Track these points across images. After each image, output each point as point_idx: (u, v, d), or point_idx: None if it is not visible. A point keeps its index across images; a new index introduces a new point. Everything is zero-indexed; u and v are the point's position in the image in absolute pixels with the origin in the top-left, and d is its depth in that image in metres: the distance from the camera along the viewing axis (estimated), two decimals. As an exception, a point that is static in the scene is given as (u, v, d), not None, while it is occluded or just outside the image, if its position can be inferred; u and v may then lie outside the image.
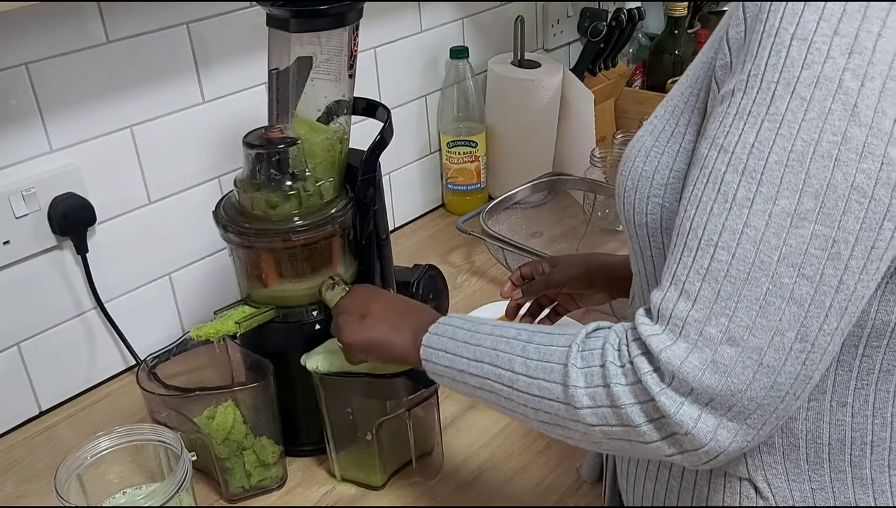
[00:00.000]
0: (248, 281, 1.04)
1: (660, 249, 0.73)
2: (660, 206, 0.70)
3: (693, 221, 0.62)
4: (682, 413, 0.61)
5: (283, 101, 1.02)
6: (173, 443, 0.93)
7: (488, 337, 0.73)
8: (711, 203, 0.60)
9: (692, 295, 0.61)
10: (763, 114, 0.59)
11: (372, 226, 1.04)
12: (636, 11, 1.73)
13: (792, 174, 0.58)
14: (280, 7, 0.94)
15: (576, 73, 1.68)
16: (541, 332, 0.71)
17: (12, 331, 1.13)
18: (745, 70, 0.60)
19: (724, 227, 0.60)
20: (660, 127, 0.72)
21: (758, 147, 0.59)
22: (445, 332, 0.78)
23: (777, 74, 0.58)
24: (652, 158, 0.71)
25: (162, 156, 1.21)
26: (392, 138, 1.04)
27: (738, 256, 0.59)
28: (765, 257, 0.58)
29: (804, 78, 0.57)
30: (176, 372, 1.04)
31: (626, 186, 0.74)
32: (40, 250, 1.12)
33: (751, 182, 0.59)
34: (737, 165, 0.59)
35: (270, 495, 1.02)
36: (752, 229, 0.59)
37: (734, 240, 0.59)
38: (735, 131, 0.60)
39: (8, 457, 1.11)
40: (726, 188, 0.60)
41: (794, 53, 0.57)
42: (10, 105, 1.05)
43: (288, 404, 1.02)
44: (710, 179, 0.61)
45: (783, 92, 0.58)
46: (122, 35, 1.12)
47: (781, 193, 0.58)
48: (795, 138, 0.57)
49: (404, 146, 1.57)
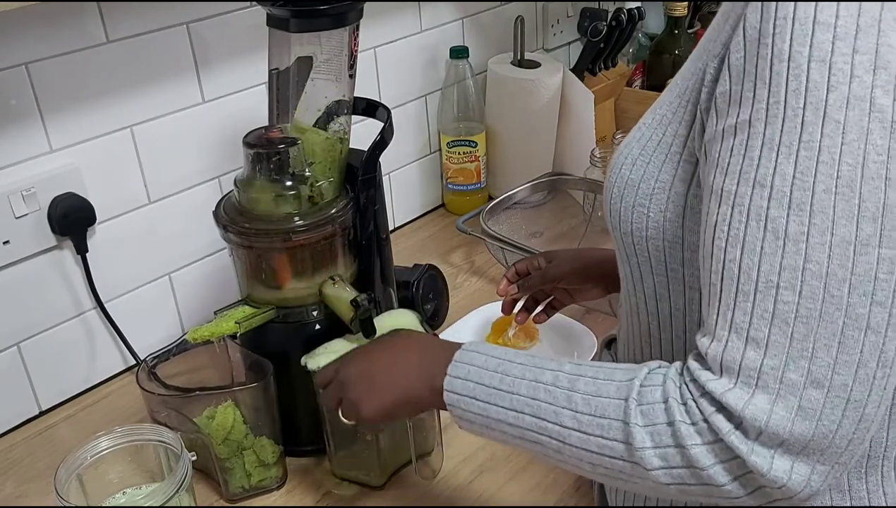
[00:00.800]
0: (248, 281, 1.03)
1: (645, 257, 0.72)
2: (645, 216, 0.70)
3: (741, 263, 0.59)
4: (775, 468, 0.58)
5: (284, 101, 1.02)
6: (173, 443, 0.93)
7: (522, 381, 0.69)
8: (760, 242, 0.58)
9: (761, 342, 0.58)
10: (797, 143, 0.56)
11: (372, 226, 1.04)
12: (636, 11, 1.73)
13: (844, 201, 0.56)
14: (280, 7, 0.94)
15: (576, 72, 1.68)
16: (582, 377, 0.67)
17: (12, 331, 1.13)
18: (761, 98, 0.58)
19: (783, 266, 0.57)
20: (647, 135, 0.71)
21: (800, 177, 0.56)
22: (468, 375, 0.71)
23: (801, 100, 0.56)
24: (638, 167, 0.70)
25: (162, 156, 1.21)
26: (392, 138, 1.04)
27: (804, 294, 0.57)
28: (834, 291, 0.56)
29: (833, 101, 0.56)
30: (176, 372, 1.04)
31: (612, 193, 0.73)
32: (40, 250, 1.12)
33: (801, 215, 0.57)
34: (780, 199, 0.57)
35: (270, 495, 1.02)
36: (814, 264, 0.57)
37: (797, 278, 0.57)
38: (767, 163, 0.58)
39: (8, 457, 1.11)
40: (774, 225, 0.57)
41: (816, 77, 0.56)
42: (10, 105, 1.05)
43: (288, 404, 1.01)
44: (751, 216, 0.58)
45: (813, 117, 0.56)
46: (121, 35, 1.12)
47: (837, 222, 0.56)
48: (839, 164, 0.56)
49: (404, 146, 1.57)
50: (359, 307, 0.95)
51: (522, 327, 1.21)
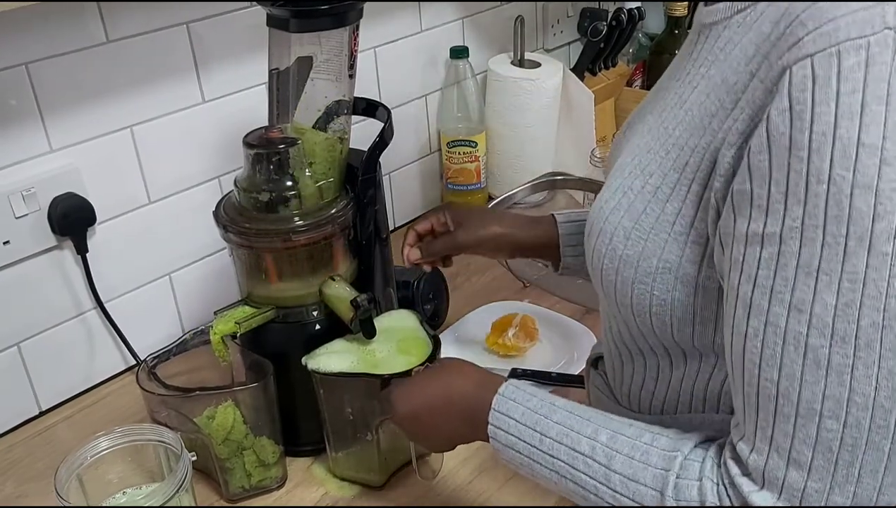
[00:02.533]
0: (248, 281, 1.03)
1: (648, 327, 0.70)
2: (648, 294, 0.68)
3: (779, 386, 0.57)
4: None
5: (284, 101, 1.02)
6: (173, 443, 0.93)
7: (561, 447, 0.69)
8: (799, 368, 0.56)
9: (804, 465, 0.57)
10: (839, 272, 0.54)
11: (372, 225, 1.04)
12: (636, 11, 1.73)
13: (891, 334, 0.54)
14: (280, 7, 0.94)
15: (576, 72, 1.68)
16: (619, 455, 0.66)
17: (12, 331, 1.13)
18: (795, 216, 0.55)
19: (826, 395, 0.55)
20: (639, 207, 0.68)
21: (843, 310, 0.54)
22: (510, 429, 0.73)
23: (844, 228, 0.53)
24: (634, 242, 0.67)
25: (162, 156, 1.21)
26: (392, 138, 1.04)
27: (849, 423, 0.55)
28: (880, 421, 0.55)
29: (879, 231, 0.53)
30: (176, 372, 1.04)
31: (603, 264, 0.70)
32: (40, 250, 1.12)
33: (845, 347, 0.54)
34: (822, 329, 0.55)
35: (270, 495, 1.02)
36: (859, 396, 0.55)
37: (841, 409, 0.55)
38: (805, 288, 0.55)
39: (7, 457, 1.11)
40: (815, 354, 0.55)
41: (861, 205, 0.53)
42: (10, 105, 1.05)
43: (288, 404, 1.01)
44: (788, 340, 0.56)
45: (857, 247, 0.53)
46: (121, 35, 1.12)
47: (884, 356, 0.54)
48: (887, 298, 0.53)
49: (404, 146, 1.57)
50: (359, 307, 0.95)
51: (522, 327, 1.21)
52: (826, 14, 0.54)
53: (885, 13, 0.53)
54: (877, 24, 0.53)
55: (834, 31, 0.53)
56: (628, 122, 0.82)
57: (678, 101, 0.69)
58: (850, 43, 0.53)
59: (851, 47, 0.53)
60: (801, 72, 0.54)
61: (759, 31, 0.60)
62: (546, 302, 1.32)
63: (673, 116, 0.68)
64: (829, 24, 0.54)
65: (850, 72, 0.53)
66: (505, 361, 1.19)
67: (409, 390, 0.84)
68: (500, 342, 1.20)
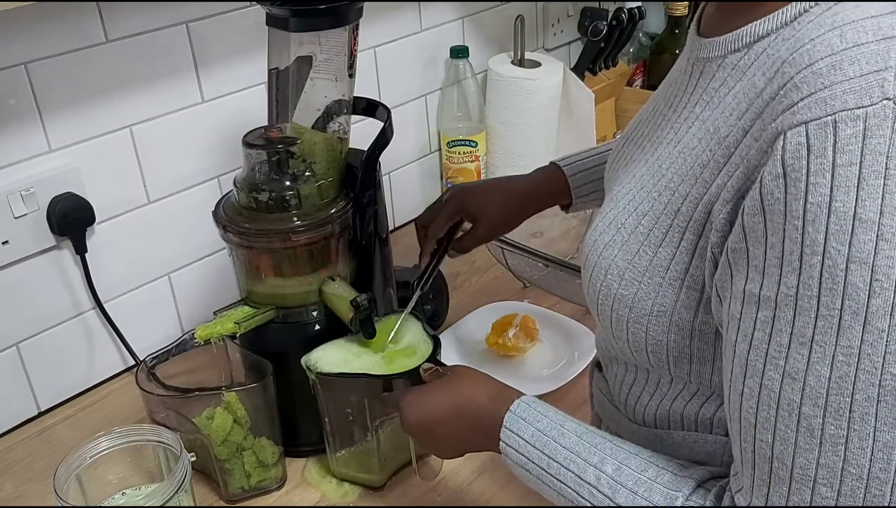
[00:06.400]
0: (248, 282, 1.03)
1: (644, 360, 0.70)
2: (644, 332, 0.68)
3: (774, 450, 0.56)
4: None
5: (283, 101, 1.02)
6: (172, 444, 0.93)
7: (568, 473, 0.69)
8: (793, 435, 0.55)
9: None
10: (833, 345, 0.53)
11: (372, 225, 1.04)
12: (636, 11, 1.73)
13: (887, 408, 0.53)
14: (280, 6, 0.94)
15: (576, 72, 1.68)
16: (623, 488, 0.66)
17: (11, 331, 1.13)
18: (790, 284, 0.54)
19: (820, 464, 0.55)
20: (633, 248, 0.67)
21: (837, 382, 0.53)
22: (519, 448, 0.73)
23: (839, 301, 0.52)
24: (628, 283, 0.67)
25: (161, 155, 1.21)
26: (392, 138, 1.03)
27: (844, 492, 0.54)
28: (876, 491, 0.54)
29: (875, 307, 0.51)
30: (175, 372, 1.04)
31: (599, 299, 0.70)
32: (39, 250, 1.11)
33: (839, 419, 0.53)
34: (815, 399, 0.54)
35: (270, 495, 1.02)
36: (854, 467, 0.54)
37: (835, 478, 0.54)
38: (799, 357, 0.54)
39: (7, 458, 1.11)
40: (808, 423, 0.54)
41: (856, 280, 0.51)
42: (10, 105, 1.05)
43: (287, 404, 1.01)
44: (782, 405, 0.55)
45: (853, 322, 0.52)
46: (121, 35, 1.12)
47: (879, 429, 0.53)
48: (882, 373, 0.52)
49: (404, 146, 1.57)
50: (358, 307, 0.95)
51: (522, 328, 1.21)
52: (821, 79, 0.52)
53: (884, 83, 0.51)
54: (875, 94, 0.51)
55: (830, 98, 0.51)
56: (626, 136, 0.82)
57: (674, 138, 0.68)
58: (847, 113, 0.51)
59: (848, 118, 0.51)
60: (796, 139, 0.52)
61: (752, 83, 0.59)
62: (546, 302, 1.32)
63: (668, 154, 0.68)
64: (825, 92, 0.52)
65: (846, 143, 0.51)
66: (505, 361, 1.19)
67: (422, 398, 0.84)
68: (500, 342, 1.20)
